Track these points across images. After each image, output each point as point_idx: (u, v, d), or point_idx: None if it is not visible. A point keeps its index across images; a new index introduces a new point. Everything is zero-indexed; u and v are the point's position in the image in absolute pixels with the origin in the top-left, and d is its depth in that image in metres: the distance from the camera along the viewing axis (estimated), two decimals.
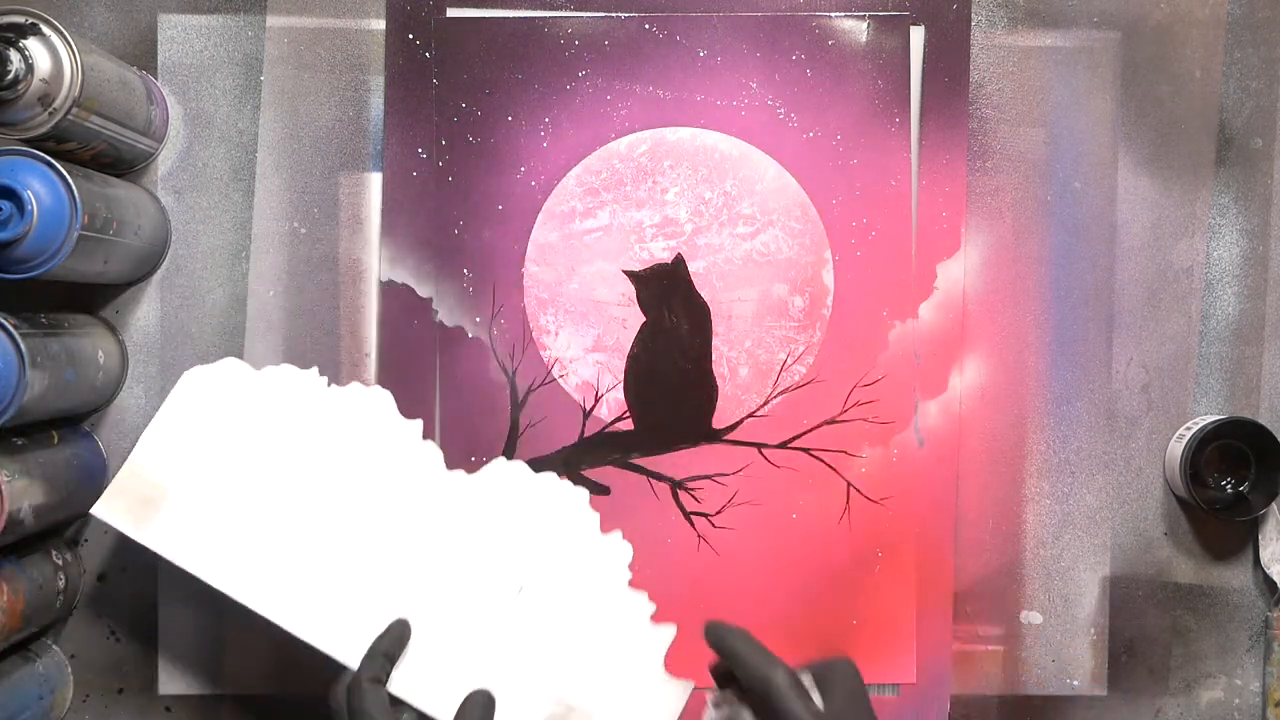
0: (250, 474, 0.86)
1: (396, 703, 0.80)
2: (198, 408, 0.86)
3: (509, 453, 0.95)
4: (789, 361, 0.96)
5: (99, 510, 0.84)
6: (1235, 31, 0.97)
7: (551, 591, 0.85)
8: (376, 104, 0.96)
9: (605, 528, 0.85)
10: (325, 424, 0.87)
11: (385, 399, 0.87)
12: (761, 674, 0.70)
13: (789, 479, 0.95)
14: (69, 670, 0.94)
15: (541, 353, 0.95)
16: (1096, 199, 0.97)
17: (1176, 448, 0.96)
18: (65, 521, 0.93)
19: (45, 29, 0.80)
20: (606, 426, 0.95)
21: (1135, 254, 0.98)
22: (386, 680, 0.79)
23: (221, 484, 0.85)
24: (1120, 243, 0.97)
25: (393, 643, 0.81)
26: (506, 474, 0.87)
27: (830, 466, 0.95)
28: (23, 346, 0.79)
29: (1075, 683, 0.97)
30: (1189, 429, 0.96)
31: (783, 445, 0.95)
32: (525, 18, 0.95)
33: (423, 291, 0.95)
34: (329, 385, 0.87)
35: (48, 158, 0.80)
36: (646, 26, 0.96)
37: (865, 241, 0.96)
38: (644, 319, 0.96)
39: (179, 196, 0.96)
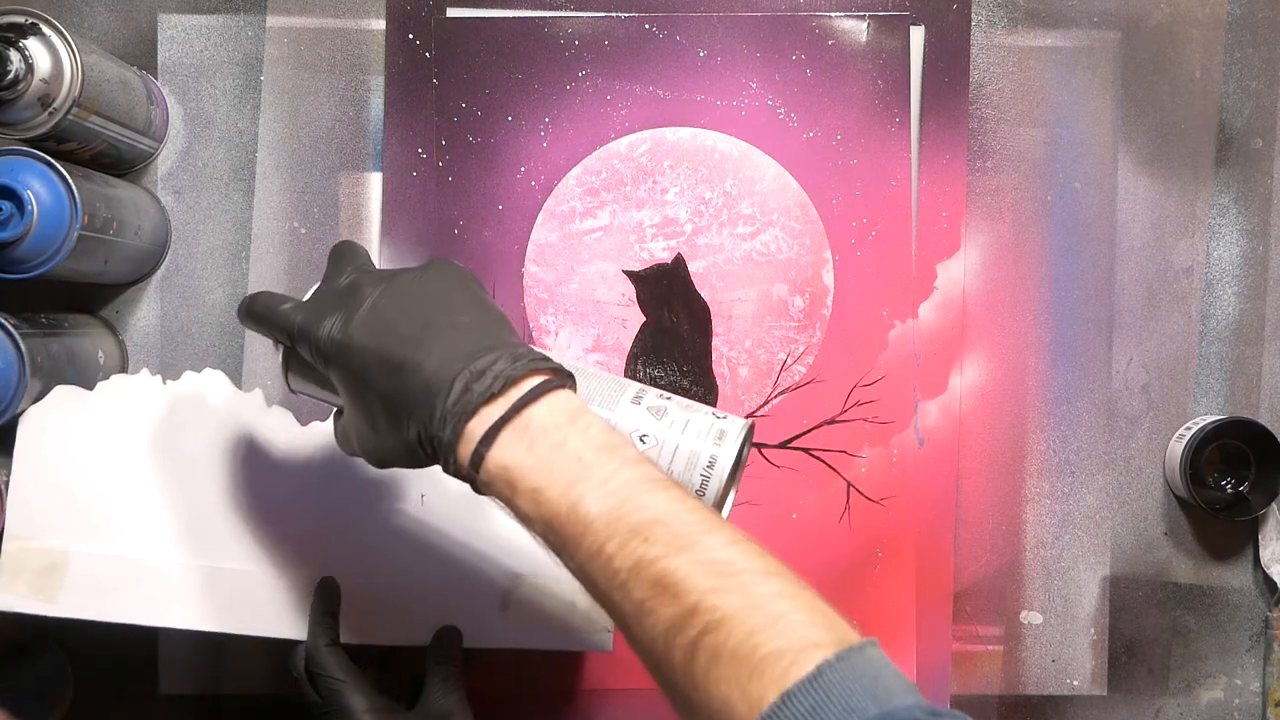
0: (129, 495, 0.83)
1: (354, 654, 0.81)
2: (47, 449, 0.82)
3: None
4: (789, 361, 0.96)
5: (3, 601, 0.80)
6: (1235, 31, 0.97)
7: (451, 484, 0.85)
8: (376, 104, 0.96)
9: None
10: (174, 420, 0.85)
11: (219, 379, 0.86)
12: (245, 307, 0.70)
13: (789, 479, 0.95)
14: (69, 670, 0.94)
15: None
16: (1096, 199, 0.97)
17: (1176, 448, 0.96)
18: None
19: (45, 29, 0.80)
20: None
21: (1135, 254, 0.98)
22: (338, 638, 0.81)
23: (108, 518, 0.82)
24: (1120, 243, 0.97)
25: (329, 601, 0.82)
26: None
27: (830, 466, 0.95)
28: (23, 346, 0.79)
29: (1075, 683, 0.97)
30: (1189, 429, 0.96)
31: (783, 445, 0.95)
32: (525, 18, 0.95)
33: None
34: (165, 383, 0.86)
35: (48, 158, 0.80)
36: (646, 26, 0.96)
37: (865, 241, 0.96)
38: (644, 319, 0.96)
39: (179, 196, 0.96)
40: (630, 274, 0.96)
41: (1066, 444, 0.97)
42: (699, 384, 0.95)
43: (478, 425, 0.59)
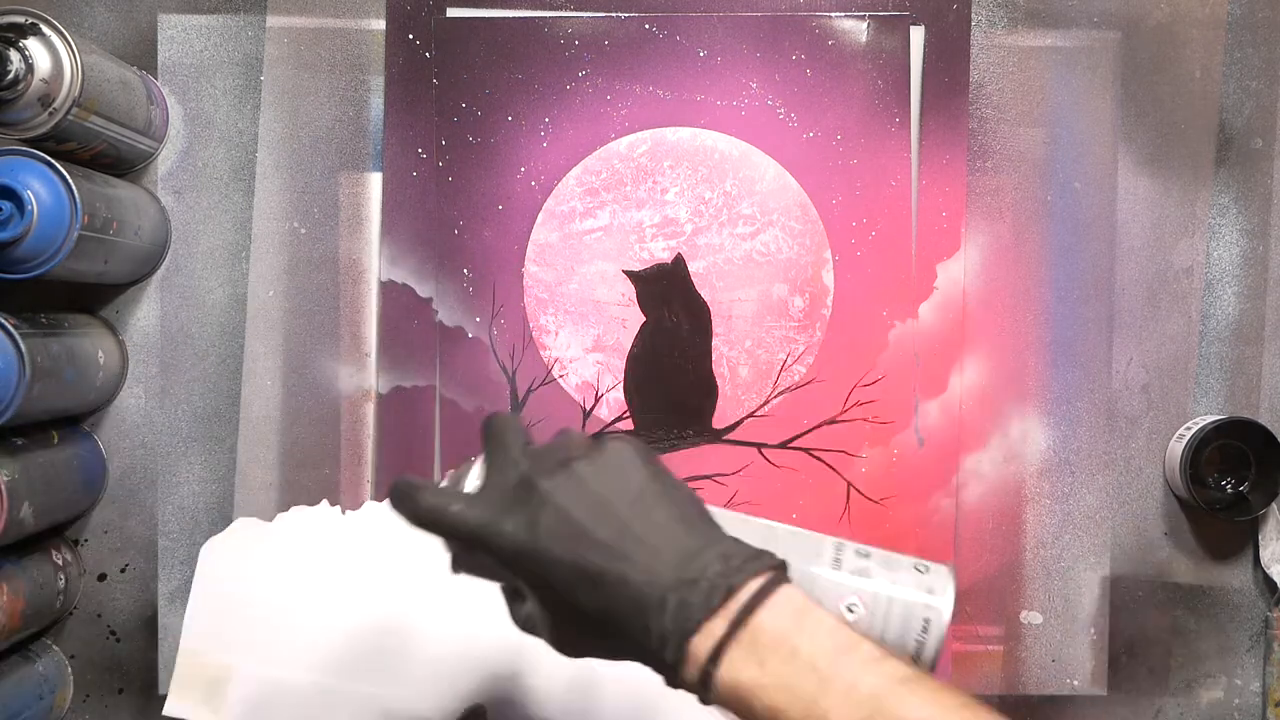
0: (295, 620, 0.89)
1: None
2: (225, 575, 0.90)
3: None
4: (789, 361, 0.96)
5: (170, 709, 0.88)
6: (1235, 31, 0.97)
7: None
8: (376, 104, 0.96)
9: None
10: (348, 550, 0.91)
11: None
12: (409, 512, 0.62)
13: (789, 479, 0.95)
14: (69, 670, 0.94)
15: (541, 352, 0.95)
16: (1096, 199, 0.97)
17: (1176, 448, 0.96)
18: (65, 521, 0.93)
19: (45, 29, 0.80)
20: (607, 426, 0.95)
21: (1135, 254, 0.98)
22: None
23: (275, 639, 0.89)
24: (1120, 243, 0.97)
25: None
26: None
27: (830, 466, 0.95)
28: (23, 346, 0.79)
29: (1075, 683, 0.97)
30: (1189, 429, 0.96)
31: (783, 445, 0.95)
32: (525, 18, 0.95)
33: (423, 291, 0.95)
34: (344, 513, 0.92)
35: (48, 158, 0.80)
36: (646, 26, 0.96)
37: (865, 241, 0.96)
38: (644, 319, 0.96)
39: (179, 196, 0.96)
40: (630, 274, 0.96)
41: (1066, 444, 0.97)
42: (699, 384, 0.95)
43: (701, 642, 0.54)
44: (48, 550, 0.91)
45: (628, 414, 0.95)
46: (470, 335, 0.95)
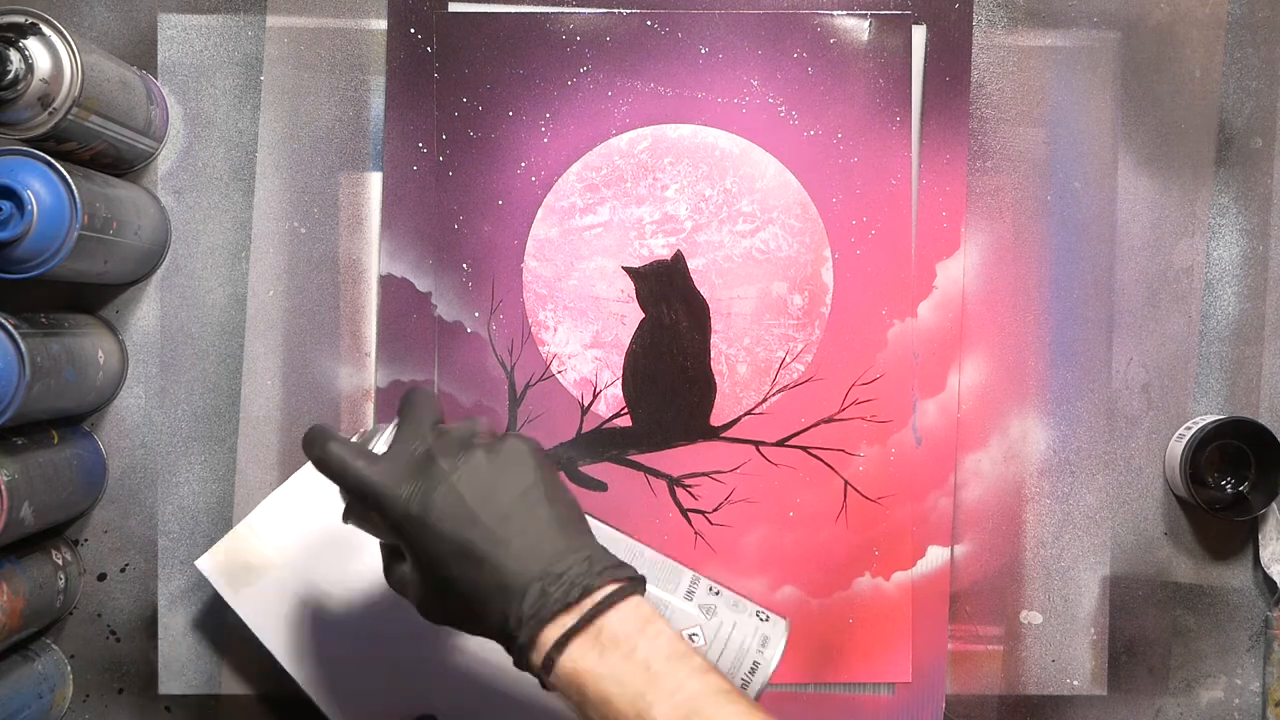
0: (342, 566, 0.89)
1: None
2: (315, 495, 0.87)
3: None
4: (788, 359, 0.96)
5: (203, 564, 0.89)
6: (1235, 31, 0.97)
7: None
8: (376, 103, 0.96)
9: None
10: None
11: None
12: (316, 456, 0.68)
13: (786, 477, 0.95)
14: (69, 670, 0.95)
15: (540, 348, 0.95)
16: (1096, 199, 0.97)
17: (1176, 448, 0.96)
18: (65, 521, 0.93)
19: (45, 29, 0.80)
20: (604, 423, 0.96)
21: (1135, 254, 0.97)
22: None
23: (315, 569, 0.89)
24: (1120, 243, 0.97)
25: None
26: None
27: (828, 465, 0.95)
28: (23, 346, 0.79)
29: (1075, 683, 0.97)
30: (1189, 429, 0.96)
31: (781, 443, 0.95)
32: (527, 13, 0.95)
33: (422, 286, 0.95)
34: None
35: (48, 158, 0.80)
36: (648, 23, 0.96)
37: (865, 240, 0.96)
38: (643, 315, 0.96)
39: (179, 196, 0.96)
40: (630, 270, 0.96)
41: (1066, 444, 0.97)
42: (697, 381, 0.95)
43: (552, 632, 0.61)
44: (48, 550, 0.91)
45: (626, 411, 0.95)
46: (469, 330, 0.95)
